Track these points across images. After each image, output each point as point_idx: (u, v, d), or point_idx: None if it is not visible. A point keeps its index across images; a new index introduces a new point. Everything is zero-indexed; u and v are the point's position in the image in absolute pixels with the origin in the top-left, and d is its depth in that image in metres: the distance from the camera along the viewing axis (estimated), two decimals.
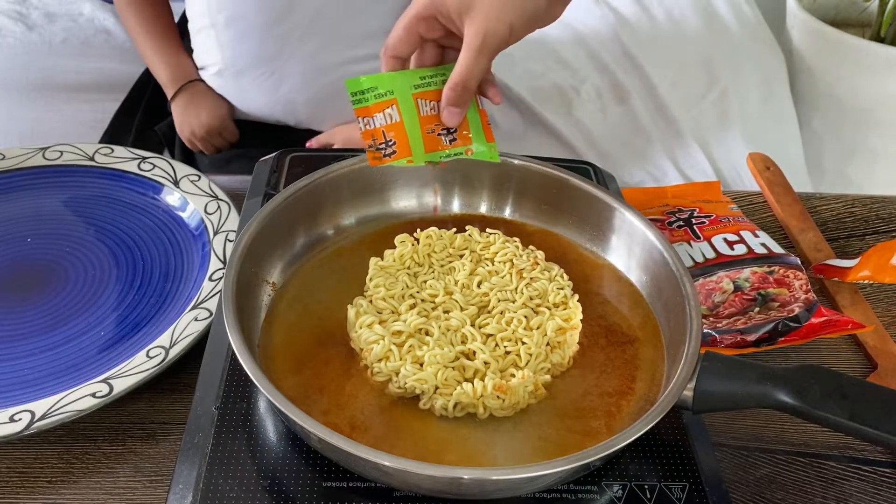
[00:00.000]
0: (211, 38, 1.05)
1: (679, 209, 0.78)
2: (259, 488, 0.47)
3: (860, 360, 0.68)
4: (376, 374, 0.52)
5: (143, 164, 0.80)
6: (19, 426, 0.54)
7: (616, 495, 0.48)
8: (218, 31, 1.04)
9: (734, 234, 0.74)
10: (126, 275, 0.70)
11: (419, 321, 0.54)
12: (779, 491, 0.57)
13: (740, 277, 0.69)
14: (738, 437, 0.60)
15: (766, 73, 1.62)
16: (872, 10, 1.76)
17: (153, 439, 0.57)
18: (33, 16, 1.40)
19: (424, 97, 0.58)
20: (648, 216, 0.74)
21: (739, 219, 0.77)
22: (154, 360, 0.59)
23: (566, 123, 1.41)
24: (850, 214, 0.85)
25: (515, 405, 0.51)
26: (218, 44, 1.05)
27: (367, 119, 0.57)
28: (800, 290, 0.69)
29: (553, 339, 0.55)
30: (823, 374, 0.48)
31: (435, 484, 0.44)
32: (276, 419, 0.51)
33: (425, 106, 0.58)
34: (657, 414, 0.46)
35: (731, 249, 0.72)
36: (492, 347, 0.54)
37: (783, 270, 0.70)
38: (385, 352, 0.52)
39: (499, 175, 0.67)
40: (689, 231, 0.75)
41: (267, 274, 0.58)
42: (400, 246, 0.61)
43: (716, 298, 0.68)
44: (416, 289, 0.58)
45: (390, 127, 0.57)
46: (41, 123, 1.24)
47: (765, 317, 0.66)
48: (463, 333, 0.54)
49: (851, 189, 1.64)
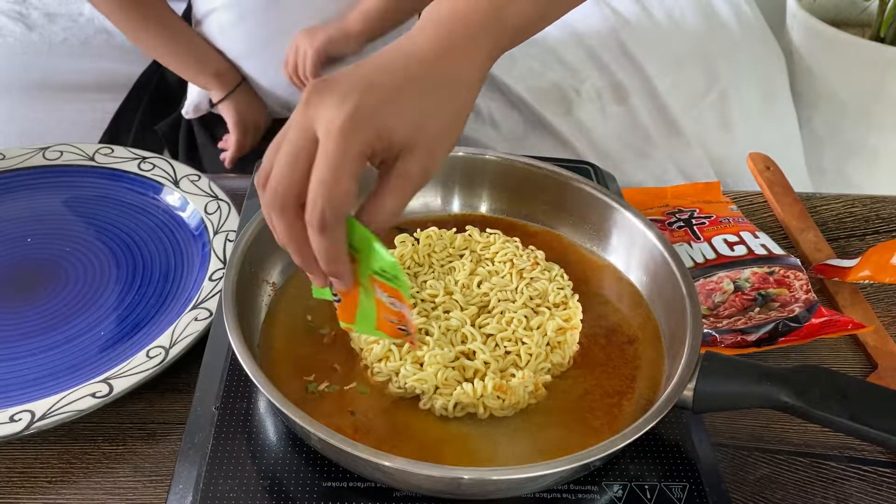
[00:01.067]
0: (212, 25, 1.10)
1: (679, 210, 0.78)
2: (259, 488, 0.47)
3: (860, 360, 0.68)
4: (376, 375, 0.52)
5: (143, 163, 0.80)
6: (19, 426, 0.54)
7: (616, 495, 0.48)
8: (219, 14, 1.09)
9: (734, 235, 0.74)
10: (126, 275, 0.70)
11: (419, 321, 0.54)
12: (779, 491, 0.57)
13: (740, 278, 0.69)
14: (738, 437, 0.60)
15: (766, 73, 1.62)
16: (872, 10, 1.76)
17: (153, 439, 0.57)
18: (33, 16, 1.40)
19: (382, 287, 0.47)
20: (648, 216, 0.74)
21: (739, 220, 0.77)
22: (154, 360, 0.59)
23: (566, 123, 1.41)
24: (850, 214, 0.85)
25: (516, 405, 0.51)
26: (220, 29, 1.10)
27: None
28: (800, 290, 0.69)
29: (553, 339, 0.55)
30: (823, 374, 0.48)
31: (435, 484, 0.44)
32: (275, 419, 0.51)
33: (383, 295, 0.47)
34: (657, 414, 0.46)
35: (732, 250, 0.72)
36: (492, 347, 0.54)
37: (783, 271, 0.70)
38: (385, 352, 0.52)
39: (499, 175, 0.67)
40: (690, 231, 0.75)
41: (267, 274, 0.58)
42: (400, 246, 0.61)
43: (716, 299, 0.68)
44: (417, 289, 0.58)
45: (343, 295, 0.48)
46: (41, 123, 1.24)
47: (765, 317, 0.66)
48: (463, 333, 0.54)
49: (851, 189, 1.64)
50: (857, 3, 1.80)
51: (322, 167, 0.41)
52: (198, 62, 1.10)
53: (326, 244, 0.42)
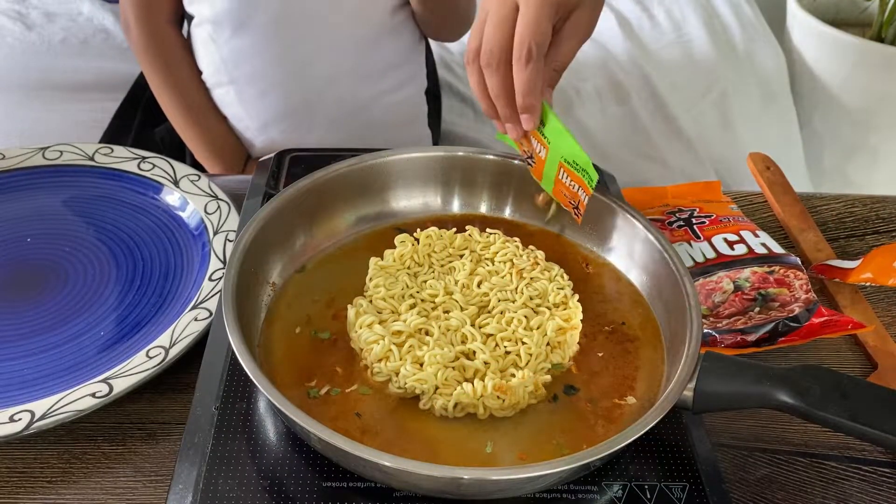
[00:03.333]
0: (231, 94, 1.04)
1: (679, 209, 0.78)
2: (259, 488, 0.47)
3: (860, 360, 0.68)
4: (376, 374, 0.52)
5: (143, 163, 0.80)
6: (19, 426, 0.54)
7: (616, 495, 0.48)
8: (239, 87, 1.03)
9: (734, 234, 0.74)
10: (126, 275, 0.70)
11: (419, 321, 0.54)
12: (779, 491, 0.57)
13: (740, 277, 0.69)
14: (738, 437, 0.60)
15: (766, 73, 1.62)
16: (872, 10, 1.76)
17: (153, 439, 0.57)
18: (32, 15, 1.40)
19: (567, 171, 0.59)
20: (649, 216, 0.74)
21: (739, 219, 0.77)
22: (154, 360, 0.59)
23: (566, 123, 1.40)
24: (850, 214, 0.85)
25: (516, 405, 0.51)
26: (240, 100, 1.04)
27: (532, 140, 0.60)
28: (800, 289, 0.69)
29: (553, 340, 0.55)
30: (823, 374, 0.48)
31: (435, 484, 0.44)
32: (275, 419, 0.51)
33: (565, 176, 0.59)
34: (657, 414, 0.46)
35: (732, 249, 0.72)
36: (492, 347, 0.54)
37: (783, 270, 0.70)
38: (385, 352, 0.52)
39: (499, 175, 0.67)
40: (690, 231, 0.75)
41: (267, 274, 0.58)
42: (400, 246, 0.61)
43: (716, 298, 0.68)
44: (416, 289, 0.58)
45: (537, 159, 0.61)
46: (41, 123, 1.24)
47: (765, 317, 0.66)
48: (463, 333, 0.54)
49: (851, 189, 1.64)
50: (857, 3, 1.80)
51: (527, 15, 0.52)
52: (206, 142, 1.06)
53: (529, 75, 0.53)
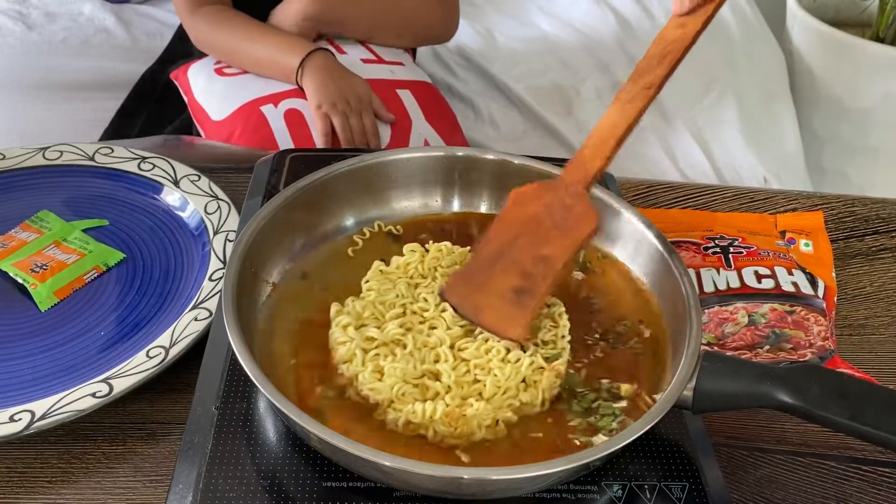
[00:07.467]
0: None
1: (721, 236, 0.75)
2: (259, 488, 0.47)
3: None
4: (338, 377, 0.51)
5: (143, 163, 0.80)
6: (19, 426, 0.54)
7: (616, 495, 0.48)
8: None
9: (767, 269, 0.70)
10: (126, 275, 0.70)
11: (397, 332, 0.52)
12: (779, 491, 0.57)
13: (757, 312, 0.67)
14: (738, 437, 0.60)
15: (766, 73, 1.61)
16: (872, 10, 1.76)
17: (153, 439, 0.57)
18: (33, 15, 1.40)
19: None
20: (686, 238, 0.72)
21: (781, 255, 0.73)
22: (154, 360, 0.59)
23: (566, 123, 1.40)
24: (851, 214, 0.85)
25: (470, 436, 0.48)
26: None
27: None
28: (817, 336, 0.66)
29: (529, 377, 0.51)
30: (823, 374, 0.48)
31: (435, 484, 0.44)
32: (275, 419, 0.51)
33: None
34: (657, 414, 0.46)
35: (759, 283, 0.69)
36: (463, 372, 0.51)
37: (804, 312, 0.67)
38: (350, 355, 0.51)
39: (499, 175, 0.66)
40: (723, 259, 0.72)
41: (267, 274, 0.58)
42: (408, 254, 0.59)
43: (726, 329, 0.66)
44: (410, 299, 0.56)
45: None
46: (41, 123, 1.24)
47: (773, 356, 0.64)
48: (437, 352, 0.52)
49: (851, 189, 1.64)
50: (857, 3, 1.80)
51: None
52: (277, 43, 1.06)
53: None
